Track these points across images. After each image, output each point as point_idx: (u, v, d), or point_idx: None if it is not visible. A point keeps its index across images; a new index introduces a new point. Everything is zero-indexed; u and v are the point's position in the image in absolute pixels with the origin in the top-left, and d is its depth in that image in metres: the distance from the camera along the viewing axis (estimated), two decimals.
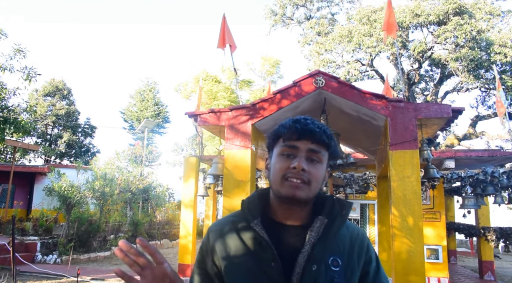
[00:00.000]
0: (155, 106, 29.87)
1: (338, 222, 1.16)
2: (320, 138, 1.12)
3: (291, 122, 1.15)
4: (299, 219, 1.17)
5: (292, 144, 1.13)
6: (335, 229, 1.15)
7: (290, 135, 1.13)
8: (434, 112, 3.37)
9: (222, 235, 1.20)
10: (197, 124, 4.08)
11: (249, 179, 3.46)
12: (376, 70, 18.35)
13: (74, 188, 13.01)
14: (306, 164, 1.11)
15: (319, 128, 1.13)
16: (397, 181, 3.28)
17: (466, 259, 16.08)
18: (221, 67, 23.33)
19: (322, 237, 1.12)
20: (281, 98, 3.59)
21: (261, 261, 1.11)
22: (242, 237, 1.16)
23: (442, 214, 9.48)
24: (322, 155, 1.14)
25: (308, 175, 1.10)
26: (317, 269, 1.09)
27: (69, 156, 28.14)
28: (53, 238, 13.03)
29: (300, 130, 1.12)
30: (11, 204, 16.51)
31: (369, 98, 3.45)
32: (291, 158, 1.12)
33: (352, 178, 7.79)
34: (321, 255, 1.11)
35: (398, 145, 3.32)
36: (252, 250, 1.13)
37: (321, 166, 1.14)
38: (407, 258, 3.15)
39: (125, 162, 17.82)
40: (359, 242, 1.20)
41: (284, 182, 1.11)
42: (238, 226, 1.18)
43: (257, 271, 1.11)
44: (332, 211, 1.16)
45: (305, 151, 1.12)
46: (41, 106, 27.32)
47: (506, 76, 15.80)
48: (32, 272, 10.14)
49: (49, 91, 28.78)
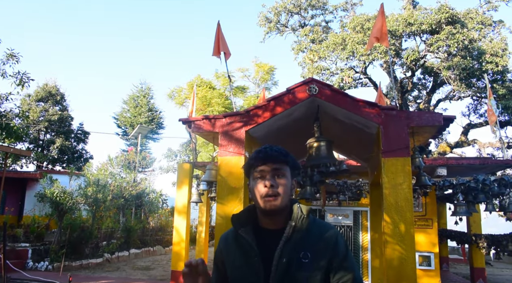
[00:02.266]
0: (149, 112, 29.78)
1: (301, 224, 1.49)
2: (278, 159, 1.50)
3: (256, 153, 1.53)
4: (278, 224, 1.52)
5: (260, 169, 1.50)
6: (300, 230, 1.48)
7: (257, 163, 1.50)
8: (425, 120, 3.42)
9: (226, 241, 1.61)
10: (190, 131, 4.10)
11: (242, 185, 3.47)
12: (369, 77, 18.50)
13: (66, 194, 12.91)
14: (274, 180, 1.47)
15: (276, 152, 1.51)
16: (389, 189, 3.31)
17: (458, 266, 16.14)
18: (216, 74, 23.38)
19: (290, 237, 1.47)
20: (275, 105, 3.62)
21: (248, 258, 1.49)
22: (236, 241, 1.55)
23: (434, 221, 9.54)
24: (284, 170, 1.51)
25: (277, 188, 1.47)
26: (286, 262, 1.43)
27: (61, 162, 27.90)
28: (45, 245, 12.89)
29: (262, 157, 1.50)
30: (2, 211, 16.36)
31: (362, 106, 3.49)
32: (262, 179, 1.49)
33: (345, 185, 7.83)
34: (289, 250, 1.45)
35: (390, 152, 3.35)
36: (242, 250, 1.52)
37: (286, 178, 1.50)
38: (399, 265, 3.17)
39: (118, 168, 17.74)
40: (327, 239, 1.51)
41: (263, 200, 1.47)
42: (235, 234, 1.57)
43: (245, 265, 1.49)
44: (297, 215, 1.51)
45: (270, 171, 1.48)
46: (33, 111, 27.13)
47: (497, 85, 16.01)
48: (23, 279, 10.01)
49: (41, 96, 28.59)
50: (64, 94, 29.93)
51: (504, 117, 16.78)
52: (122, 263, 13.66)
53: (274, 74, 25.00)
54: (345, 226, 9.80)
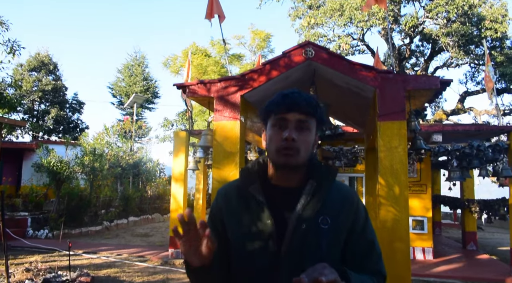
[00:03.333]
0: (144, 81, 29.44)
1: (326, 185, 1.31)
2: (306, 109, 1.27)
3: (280, 98, 1.29)
4: (293, 181, 1.32)
5: (282, 117, 1.27)
6: (323, 192, 1.30)
7: (280, 109, 1.28)
8: (422, 84, 3.40)
9: (227, 197, 1.38)
10: (186, 96, 4.06)
11: (238, 150, 3.48)
12: (367, 44, 18.26)
13: (63, 164, 12.95)
14: (296, 134, 1.25)
15: (305, 100, 1.27)
16: (385, 152, 3.33)
17: (450, 231, 16.54)
18: (211, 41, 23.02)
19: (312, 199, 1.28)
20: (271, 69, 3.57)
21: (258, 220, 1.27)
22: (243, 199, 1.33)
23: (429, 187, 9.68)
24: (309, 124, 1.29)
25: (298, 143, 1.24)
26: (306, 228, 1.25)
27: (57, 132, 27.80)
28: (44, 214, 13.04)
29: (288, 104, 1.26)
30: (0, 181, 16.42)
31: (358, 70, 3.45)
32: (283, 129, 1.26)
33: (341, 151, 7.87)
34: (309, 215, 1.26)
35: (386, 116, 3.35)
36: (251, 211, 1.30)
37: (309, 133, 1.29)
38: (393, 226, 3.23)
39: (115, 137, 17.71)
40: (349, 203, 1.34)
41: (278, 153, 1.26)
42: (240, 190, 1.35)
43: (254, 229, 1.28)
44: (321, 175, 1.32)
45: (294, 122, 1.26)
46: (26, 81, 26.76)
47: (495, 52, 15.86)
48: (24, 246, 10.19)
49: (34, 66, 28.11)
50: (57, 64, 29.42)
51: (501, 85, 16.73)
52: (121, 231, 13.89)
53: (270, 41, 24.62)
54: None
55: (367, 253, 1.33)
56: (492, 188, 15.30)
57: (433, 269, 8.22)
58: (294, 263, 1.23)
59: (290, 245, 1.24)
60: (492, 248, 11.77)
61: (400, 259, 3.17)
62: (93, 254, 9.51)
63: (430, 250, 9.37)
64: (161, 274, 7.55)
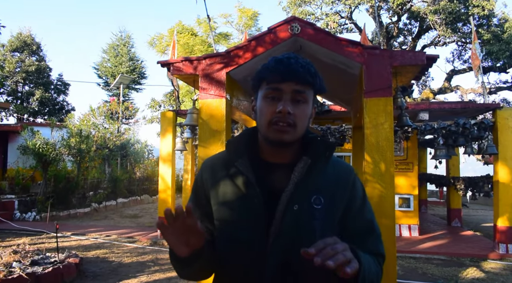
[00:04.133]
0: (130, 61, 28.93)
1: (321, 162, 1.18)
2: (304, 78, 1.11)
3: (274, 63, 1.13)
4: (286, 158, 1.19)
5: (276, 87, 1.12)
6: (318, 170, 1.17)
7: (273, 78, 1.12)
8: (409, 60, 3.37)
9: (213, 170, 1.25)
10: (170, 73, 3.98)
11: (224, 129, 3.44)
12: (355, 23, 18.12)
13: (49, 146, 12.78)
14: (291, 106, 1.11)
15: (302, 68, 1.11)
16: (371, 129, 3.32)
17: (436, 208, 16.88)
18: (197, 20, 22.59)
19: (305, 177, 1.15)
20: (256, 46, 3.51)
21: (245, 198, 1.15)
22: (229, 174, 1.19)
23: (415, 165, 9.80)
24: (307, 95, 1.14)
25: (294, 118, 1.11)
26: (298, 209, 1.13)
27: (42, 114, 27.35)
28: (31, 196, 12.93)
29: (284, 72, 1.10)
30: None
31: (344, 46, 3.41)
32: (276, 100, 1.12)
33: (329, 130, 7.88)
34: (302, 195, 1.14)
35: (372, 92, 3.33)
36: (238, 187, 1.17)
37: (306, 106, 1.14)
38: (378, 202, 3.25)
39: (101, 118, 17.48)
40: (344, 180, 1.22)
41: (271, 127, 1.12)
42: (227, 164, 1.21)
43: (241, 207, 1.16)
44: (317, 151, 1.18)
45: (289, 93, 1.11)
46: (9, 62, 26.12)
47: (482, 29, 15.87)
48: (11, 229, 10.13)
49: (16, 46, 27.39)
50: (40, 44, 28.74)
51: (488, 63, 16.83)
52: (109, 212, 13.88)
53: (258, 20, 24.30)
54: None
55: (366, 234, 1.22)
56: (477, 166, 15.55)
57: (418, 246, 8.40)
58: (284, 246, 1.11)
59: (280, 227, 1.12)
60: (476, 224, 12.05)
61: (386, 235, 3.20)
62: (81, 236, 9.50)
63: (416, 227, 9.56)
64: (150, 255, 7.59)
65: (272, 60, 1.16)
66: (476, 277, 6.29)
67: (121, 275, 6.12)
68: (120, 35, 30.01)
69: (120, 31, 32.55)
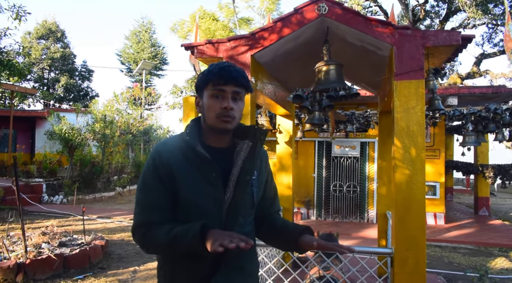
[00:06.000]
0: (152, 47, 29.08)
1: (259, 145, 1.55)
2: (241, 82, 1.47)
3: (218, 70, 1.45)
4: (224, 143, 1.54)
5: (221, 88, 1.46)
6: (258, 149, 1.55)
7: (218, 81, 1.45)
8: (442, 40, 3.20)
9: (173, 154, 1.48)
10: (194, 58, 3.92)
11: (249, 112, 3.37)
12: (380, 5, 17.59)
13: (74, 131, 13.03)
14: (233, 103, 1.45)
15: (240, 74, 1.47)
16: (401, 113, 3.19)
17: (462, 196, 16.50)
18: (219, 5, 22.37)
19: (250, 156, 1.52)
20: (282, 27, 3.39)
21: (205, 173, 1.45)
22: (188, 156, 1.46)
23: (442, 152, 9.54)
24: (242, 95, 1.50)
25: (234, 112, 1.46)
26: (249, 179, 1.50)
27: (68, 100, 27.92)
28: (58, 180, 13.27)
29: (226, 77, 1.44)
30: (14, 148, 16.67)
31: (374, 26, 3.26)
32: (220, 98, 1.45)
33: (353, 115, 7.71)
34: (250, 168, 1.52)
35: (403, 75, 3.19)
36: (198, 166, 1.46)
37: (242, 102, 1.52)
38: (408, 188, 3.14)
39: (124, 104, 17.69)
40: (265, 159, 1.67)
41: (218, 119, 1.45)
42: (183, 149, 1.48)
43: (203, 181, 1.45)
44: (255, 136, 1.54)
45: (230, 93, 1.46)
46: (35, 49, 26.64)
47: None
48: (40, 212, 10.44)
49: (42, 33, 27.90)
50: (65, 31, 29.18)
51: None
52: (133, 196, 14.09)
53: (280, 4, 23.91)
54: (352, 157, 9.85)
55: (274, 197, 1.74)
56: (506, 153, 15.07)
57: (444, 234, 8.22)
58: (234, 208, 1.46)
59: (234, 193, 1.46)
60: (504, 214, 11.72)
61: (416, 223, 3.11)
62: (106, 219, 9.70)
63: (441, 216, 9.36)
64: None
65: (215, 68, 1.47)
66: (505, 268, 6.11)
67: (145, 257, 6.22)
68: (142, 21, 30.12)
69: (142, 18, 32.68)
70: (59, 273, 5.26)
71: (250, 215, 1.58)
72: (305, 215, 10.12)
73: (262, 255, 3.61)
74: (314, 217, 10.09)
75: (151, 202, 1.48)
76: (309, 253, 3.70)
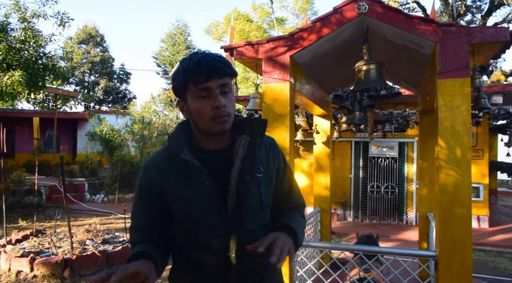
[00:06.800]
0: (187, 49, 29.60)
1: (258, 138, 1.34)
2: (224, 72, 1.25)
3: (194, 66, 1.23)
4: (222, 143, 1.34)
5: (204, 86, 1.23)
6: (258, 144, 1.33)
7: (199, 78, 1.23)
8: (489, 36, 3.08)
9: (160, 169, 1.33)
10: (232, 59, 3.97)
11: (288, 112, 3.38)
12: (417, 1, 17.11)
13: (114, 132, 13.46)
14: (224, 99, 1.24)
15: (221, 62, 1.24)
16: (446, 112, 3.10)
17: (507, 199, 15.77)
18: (253, 5, 22.49)
19: (248, 152, 1.31)
20: (321, 27, 3.38)
21: (196, 184, 1.27)
22: (176, 167, 1.29)
23: (485, 152, 9.18)
24: (229, 85, 1.28)
25: (228, 108, 1.25)
26: (250, 179, 1.29)
27: (107, 103, 28.91)
28: (99, 179, 13.76)
29: (206, 72, 1.22)
30: (58, 149, 17.40)
31: (417, 23, 3.19)
32: (207, 98, 1.24)
33: (391, 115, 7.55)
34: (251, 167, 1.30)
35: (447, 73, 3.10)
36: (187, 176, 1.28)
37: (232, 93, 1.30)
38: (453, 190, 3.05)
39: (161, 106, 18.10)
40: (272, 149, 1.43)
41: (213, 122, 1.25)
42: (170, 159, 1.31)
43: (194, 193, 1.27)
44: (252, 129, 1.33)
45: (217, 88, 1.24)
46: (76, 53, 27.73)
47: None
48: (83, 210, 10.86)
49: (82, 38, 29.02)
50: (104, 35, 30.18)
51: None
52: None
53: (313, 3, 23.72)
54: (390, 157, 9.64)
55: (290, 191, 1.49)
56: None
57: (489, 238, 7.90)
58: (240, 214, 1.28)
59: (237, 197, 1.27)
60: None
61: (461, 226, 3.01)
62: None
63: (485, 218, 8.99)
64: None
65: (190, 63, 1.25)
66: None
67: None
68: (177, 24, 30.72)
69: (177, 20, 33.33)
70: (103, 269, 5.46)
71: (262, 218, 1.38)
72: (342, 216, 9.99)
73: (302, 255, 3.61)
74: (350, 218, 9.95)
75: (136, 223, 1.38)
76: (349, 255, 3.67)
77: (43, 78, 9.75)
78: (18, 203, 9.69)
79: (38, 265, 5.06)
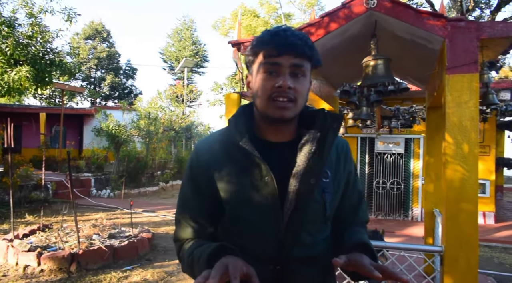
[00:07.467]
0: (193, 45, 29.63)
1: (331, 135, 1.15)
2: (302, 51, 1.07)
3: (270, 36, 1.09)
4: (286, 135, 1.17)
5: (274, 61, 1.07)
6: (329, 143, 1.14)
7: (270, 51, 1.07)
8: (499, 32, 3.06)
9: (212, 152, 1.17)
10: (240, 54, 3.98)
11: None
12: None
13: (120, 127, 13.52)
14: (291, 81, 1.07)
15: (300, 40, 1.07)
16: (453, 108, 3.09)
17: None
18: (259, 1, 22.42)
19: (317, 151, 1.11)
20: (329, 22, 3.37)
21: (254, 178, 1.10)
22: (233, 155, 1.13)
23: (492, 149, 9.13)
24: (305, 69, 1.10)
25: (294, 92, 1.07)
26: (314, 183, 1.10)
27: (113, 98, 29.04)
28: (105, 175, 13.84)
29: (281, 45, 1.06)
30: (64, 145, 17.54)
31: (425, 18, 3.17)
32: (274, 75, 1.08)
33: (398, 111, 7.52)
34: (318, 169, 1.11)
35: (456, 68, 3.08)
36: (245, 168, 1.11)
37: (305, 79, 1.11)
38: (460, 186, 3.04)
39: (167, 101, 18.18)
40: (344, 153, 1.23)
41: (271, 103, 1.08)
42: (227, 145, 1.15)
43: (251, 188, 1.10)
44: (324, 124, 1.14)
45: (288, 67, 1.07)
46: (82, 49, 27.83)
47: None
48: (89, 205, 10.94)
49: (89, 34, 29.11)
50: (110, 31, 30.24)
51: None
52: (176, 191, 14.47)
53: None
54: (396, 153, 9.62)
55: (358, 204, 1.29)
56: None
57: (494, 234, 7.87)
58: (299, 220, 1.10)
59: (296, 202, 1.09)
60: None
61: (468, 222, 3.00)
62: (151, 213, 10.02)
63: (491, 215, 8.96)
64: None
65: (267, 33, 1.10)
66: None
67: None
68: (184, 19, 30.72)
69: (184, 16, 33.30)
70: (109, 264, 5.50)
71: (322, 231, 1.18)
72: None
73: None
74: None
75: (186, 214, 1.21)
76: None
77: (50, 74, 9.80)
78: (25, 198, 9.77)
79: (45, 259, 5.11)
